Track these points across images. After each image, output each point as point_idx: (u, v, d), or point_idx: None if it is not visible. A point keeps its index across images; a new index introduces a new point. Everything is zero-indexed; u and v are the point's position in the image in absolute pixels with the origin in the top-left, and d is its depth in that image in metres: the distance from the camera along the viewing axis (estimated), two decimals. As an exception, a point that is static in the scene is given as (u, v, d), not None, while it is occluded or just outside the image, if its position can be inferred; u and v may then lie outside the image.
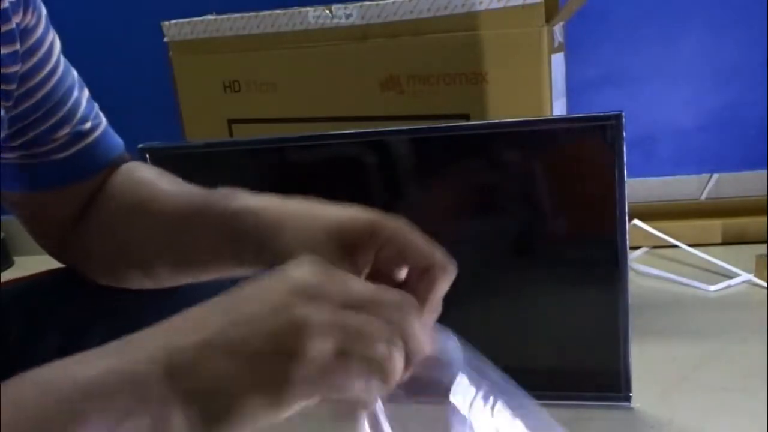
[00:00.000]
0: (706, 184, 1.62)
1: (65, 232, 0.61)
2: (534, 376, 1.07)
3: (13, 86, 0.53)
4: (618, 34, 1.58)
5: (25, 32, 0.53)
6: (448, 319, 1.19)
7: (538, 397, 1.16)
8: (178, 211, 0.54)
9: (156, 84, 1.53)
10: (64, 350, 0.59)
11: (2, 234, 1.96)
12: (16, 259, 1.98)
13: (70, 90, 0.58)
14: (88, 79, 0.62)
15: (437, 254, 0.46)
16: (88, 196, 0.61)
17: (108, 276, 0.61)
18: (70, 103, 0.58)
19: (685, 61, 1.57)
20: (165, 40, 1.38)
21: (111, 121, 0.64)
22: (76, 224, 0.61)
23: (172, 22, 1.37)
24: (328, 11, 1.26)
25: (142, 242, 0.57)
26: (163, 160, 1.07)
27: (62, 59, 0.58)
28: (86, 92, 0.61)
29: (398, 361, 0.35)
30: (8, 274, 1.85)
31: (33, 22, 0.54)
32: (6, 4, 0.50)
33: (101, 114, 0.62)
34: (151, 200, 0.57)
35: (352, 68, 1.26)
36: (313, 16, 1.27)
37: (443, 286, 0.47)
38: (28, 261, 1.91)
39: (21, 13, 0.52)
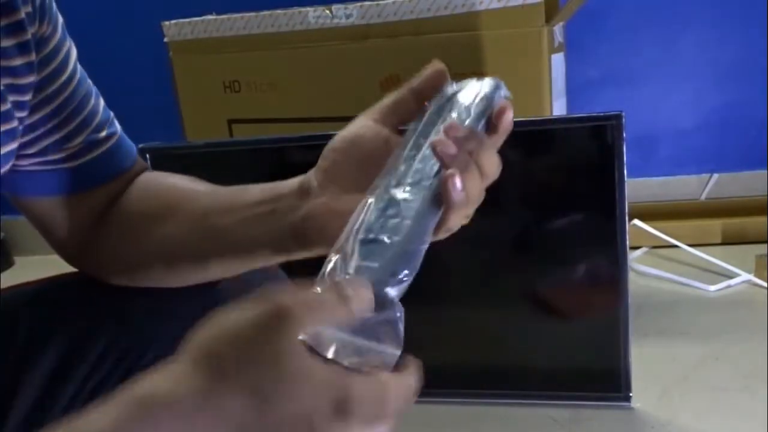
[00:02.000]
0: (706, 184, 1.62)
1: (81, 237, 0.62)
2: (534, 376, 1.07)
3: (28, 96, 0.53)
4: (618, 34, 1.58)
5: (41, 41, 0.53)
6: (447, 319, 1.19)
7: (538, 397, 1.17)
8: (209, 206, 0.56)
9: (156, 84, 1.54)
10: (69, 356, 0.60)
11: (2, 234, 1.96)
12: (17, 259, 1.98)
13: (87, 98, 0.58)
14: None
15: None
16: (105, 203, 0.61)
17: (127, 274, 0.61)
18: (86, 112, 0.58)
19: (685, 61, 1.57)
20: (165, 40, 1.38)
21: (111, 121, 0.64)
22: (94, 228, 0.61)
23: (172, 22, 1.37)
24: (328, 11, 1.26)
25: (173, 238, 0.58)
26: (163, 160, 1.07)
27: (79, 67, 0.58)
28: (101, 100, 0.61)
29: None
30: (8, 274, 1.86)
31: (49, 31, 0.54)
32: (22, 15, 0.50)
33: (116, 122, 0.62)
34: (184, 198, 0.59)
35: (352, 68, 1.27)
36: (313, 16, 1.27)
37: None
38: (29, 261, 1.91)
39: (37, 23, 0.52)
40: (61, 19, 0.56)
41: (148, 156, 1.07)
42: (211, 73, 1.36)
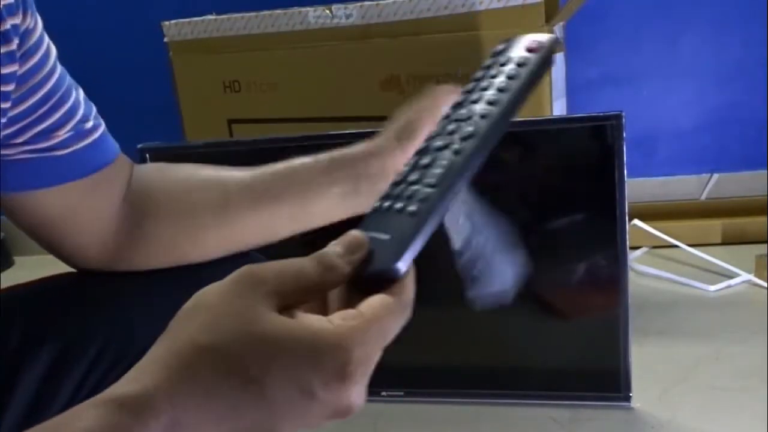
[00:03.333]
0: (706, 184, 1.62)
1: (101, 228, 0.62)
2: (534, 376, 1.07)
3: (11, 87, 0.53)
4: (618, 34, 1.58)
5: (25, 34, 0.54)
6: (447, 319, 1.19)
7: (538, 397, 1.17)
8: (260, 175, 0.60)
9: (156, 84, 1.53)
10: (61, 360, 0.60)
11: (2, 234, 1.96)
12: (16, 259, 1.98)
13: (69, 89, 0.59)
14: (88, 79, 0.63)
15: None
16: (116, 189, 0.62)
17: (183, 240, 0.63)
18: (70, 102, 0.59)
19: (685, 60, 1.57)
20: (165, 40, 1.38)
21: (111, 122, 0.64)
22: (120, 217, 0.62)
23: (172, 22, 1.37)
24: (328, 11, 1.26)
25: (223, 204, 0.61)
26: (163, 160, 1.07)
27: (59, 64, 0.59)
28: (82, 93, 0.62)
29: None
30: (8, 274, 1.86)
31: (32, 24, 0.55)
32: (0, 5, 0.51)
33: (99, 116, 0.63)
34: (219, 174, 0.63)
35: (352, 68, 1.26)
36: (313, 16, 1.27)
37: None
38: (28, 261, 1.91)
39: (21, 15, 0.53)
40: (39, 17, 0.57)
41: (148, 156, 1.07)
42: (211, 73, 1.36)
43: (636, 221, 1.46)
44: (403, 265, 0.37)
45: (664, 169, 1.64)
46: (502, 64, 0.46)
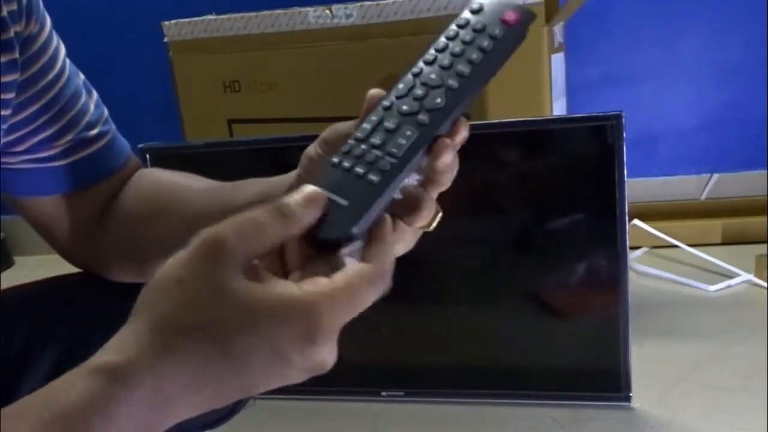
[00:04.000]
0: (706, 184, 1.62)
1: (81, 237, 0.61)
2: (534, 376, 1.07)
3: (12, 95, 0.53)
4: (618, 34, 1.58)
5: (27, 40, 0.53)
6: (447, 319, 1.19)
7: (538, 397, 1.17)
8: (204, 207, 0.57)
9: (156, 84, 1.53)
10: (66, 361, 0.59)
11: (2, 234, 1.96)
12: (17, 259, 1.98)
13: (76, 96, 0.58)
14: (88, 79, 0.62)
15: None
16: (100, 202, 0.61)
17: (132, 272, 0.62)
18: (75, 110, 0.58)
19: (685, 61, 1.57)
20: (165, 40, 1.38)
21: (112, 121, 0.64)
22: (93, 228, 0.61)
23: (172, 22, 1.37)
24: (328, 11, 1.26)
25: (171, 239, 0.58)
26: (163, 160, 1.07)
27: (68, 65, 0.58)
28: (95, 97, 0.61)
29: None
30: (8, 274, 1.86)
31: (35, 30, 0.54)
32: (4, 13, 0.50)
33: (110, 120, 0.62)
34: (176, 198, 0.59)
35: (352, 68, 1.26)
36: (313, 16, 1.27)
37: None
38: (29, 261, 1.91)
39: (23, 23, 0.53)
40: (48, 20, 0.56)
41: (148, 156, 1.07)
42: (211, 73, 1.36)
43: (636, 221, 1.46)
44: (357, 234, 0.38)
45: (664, 169, 1.64)
46: (476, 30, 0.45)
